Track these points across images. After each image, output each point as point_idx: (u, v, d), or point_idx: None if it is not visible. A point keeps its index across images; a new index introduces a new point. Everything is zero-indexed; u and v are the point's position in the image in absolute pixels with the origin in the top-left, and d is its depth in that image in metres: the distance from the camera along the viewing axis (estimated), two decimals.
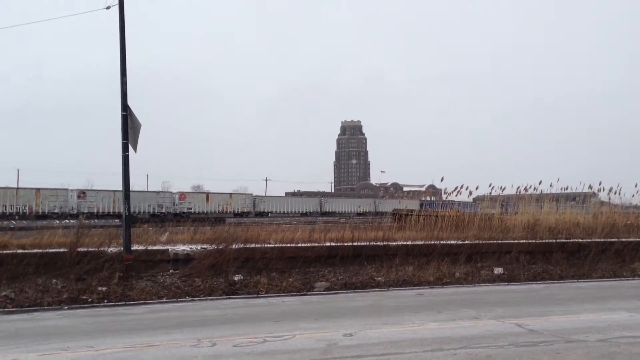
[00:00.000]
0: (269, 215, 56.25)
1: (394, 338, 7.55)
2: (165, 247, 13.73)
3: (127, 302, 10.84)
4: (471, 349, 6.93)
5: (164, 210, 49.08)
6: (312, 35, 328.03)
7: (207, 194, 56.37)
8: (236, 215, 52.85)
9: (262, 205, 58.03)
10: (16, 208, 42.59)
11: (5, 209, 42.73)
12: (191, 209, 51.51)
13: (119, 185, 13.48)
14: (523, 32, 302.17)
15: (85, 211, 41.61)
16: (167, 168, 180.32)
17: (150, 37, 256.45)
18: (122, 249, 12.57)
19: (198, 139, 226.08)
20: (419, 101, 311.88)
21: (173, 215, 46.84)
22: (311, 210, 60.07)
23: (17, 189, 47.41)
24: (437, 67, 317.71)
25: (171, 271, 12.95)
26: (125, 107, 12.81)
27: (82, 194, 47.34)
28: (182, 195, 52.71)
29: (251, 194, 59.94)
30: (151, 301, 10.98)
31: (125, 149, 12.81)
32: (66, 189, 48.86)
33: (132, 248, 12.71)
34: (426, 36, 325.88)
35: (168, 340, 7.49)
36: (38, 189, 45.53)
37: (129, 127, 12.81)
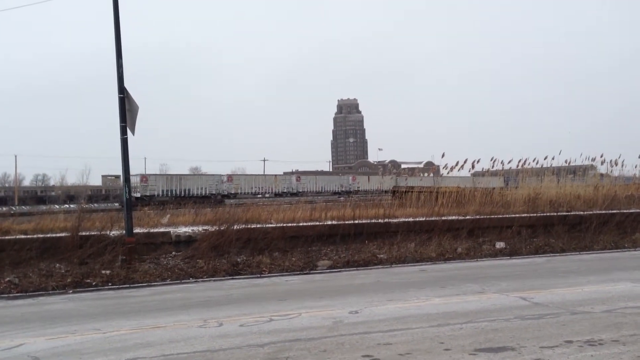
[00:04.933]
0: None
1: (399, 314, 7.57)
2: (167, 230, 13.73)
3: (131, 285, 10.85)
4: (477, 322, 6.95)
5: (343, 189, 64.83)
6: (309, 12, 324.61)
7: (368, 176, 71.50)
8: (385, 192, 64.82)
9: (402, 184, 68.39)
10: (263, 189, 62.07)
11: (259, 190, 61.82)
12: (359, 187, 65.37)
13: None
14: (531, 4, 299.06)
15: (300, 190, 62.88)
16: (164, 150, 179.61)
17: (147, 14, 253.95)
18: (123, 232, 12.55)
19: (193, 120, 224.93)
20: (416, 78, 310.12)
21: (347, 193, 60.86)
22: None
23: (265, 175, 69.73)
24: (433, 44, 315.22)
25: (173, 253, 12.95)
26: (122, 90, 12.68)
27: (298, 178, 67.07)
28: (354, 177, 69.58)
29: (395, 176, 70.75)
30: (155, 283, 10.99)
31: (123, 132, 12.71)
32: (291, 175, 71.35)
33: (134, 231, 12.69)
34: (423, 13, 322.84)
35: (174, 322, 7.50)
36: (276, 175, 67.69)
37: (127, 110, 12.69)
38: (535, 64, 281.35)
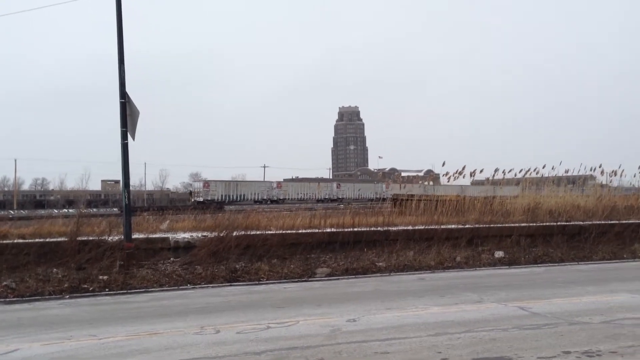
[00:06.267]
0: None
1: (397, 323, 7.54)
2: (166, 235, 13.71)
3: (129, 291, 10.81)
4: (475, 332, 6.92)
5: (378, 196, 70.09)
6: (311, 20, 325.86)
7: (400, 184, 73.84)
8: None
9: (430, 191, 77.09)
10: (307, 195, 68.66)
11: (305, 196, 68.29)
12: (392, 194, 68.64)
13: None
14: (535, 11, 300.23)
15: (340, 197, 67.99)
16: (164, 155, 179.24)
17: (155, 23, 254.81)
18: (122, 237, 12.53)
19: (193, 127, 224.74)
20: (418, 86, 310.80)
21: (383, 200, 64.10)
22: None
23: (309, 183, 76.68)
24: (436, 53, 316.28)
25: (172, 259, 12.93)
26: (123, 95, 12.70)
27: (339, 185, 74.39)
28: (387, 184, 70.39)
29: (423, 184, 77.05)
30: (152, 289, 10.95)
31: (124, 137, 12.73)
32: (332, 183, 78.08)
33: (133, 236, 12.69)
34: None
35: (171, 328, 7.47)
36: (319, 183, 75.12)
37: (128, 115, 12.71)
38: (537, 75, 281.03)
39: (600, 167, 23.65)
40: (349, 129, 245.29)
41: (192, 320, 8.02)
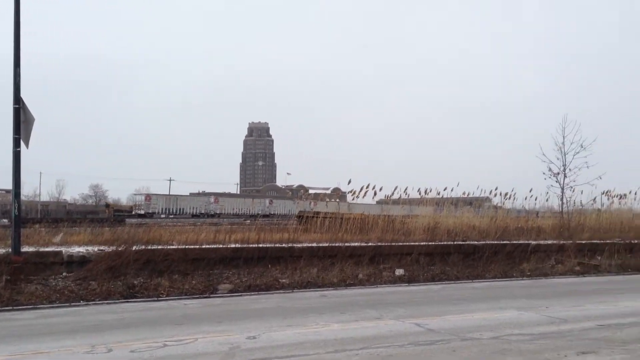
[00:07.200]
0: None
1: (298, 340, 7.54)
2: (59, 249, 13.00)
3: (15, 307, 10.11)
4: (373, 349, 7.06)
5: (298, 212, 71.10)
6: (225, 34, 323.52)
7: (326, 202, 78.41)
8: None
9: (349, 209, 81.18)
10: (243, 210, 70.99)
11: (239, 211, 70.70)
12: (319, 211, 72.20)
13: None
14: (443, 37, 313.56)
15: (272, 212, 66.47)
16: (62, 165, 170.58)
17: (55, 27, 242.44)
18: (10, 250, 11.74)
19: (96, 138, 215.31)
20: (329, 104, 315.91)
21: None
22: None
23: (244, 199, 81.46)
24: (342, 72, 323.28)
25: (64, 274, 12.26)
26: (17, 100, 11.99)
27: (271, 201, 78.04)
28: (315, 203, 72.53)
29: (348, 203, 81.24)
30: (41, 306, 10.30)
31: (16, 145, 11.99)
32: (265, 199, 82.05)
33: (22, 249, 11.91)
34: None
35: (59, 347, 7.06)
36: (253, 199, 79.75)
37: (21, 121, 12.01)
38: (442, 98, 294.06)
39: (496, 189, 25.09)
40: (259, 145, 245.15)
41: (82, 338, 7.61)
